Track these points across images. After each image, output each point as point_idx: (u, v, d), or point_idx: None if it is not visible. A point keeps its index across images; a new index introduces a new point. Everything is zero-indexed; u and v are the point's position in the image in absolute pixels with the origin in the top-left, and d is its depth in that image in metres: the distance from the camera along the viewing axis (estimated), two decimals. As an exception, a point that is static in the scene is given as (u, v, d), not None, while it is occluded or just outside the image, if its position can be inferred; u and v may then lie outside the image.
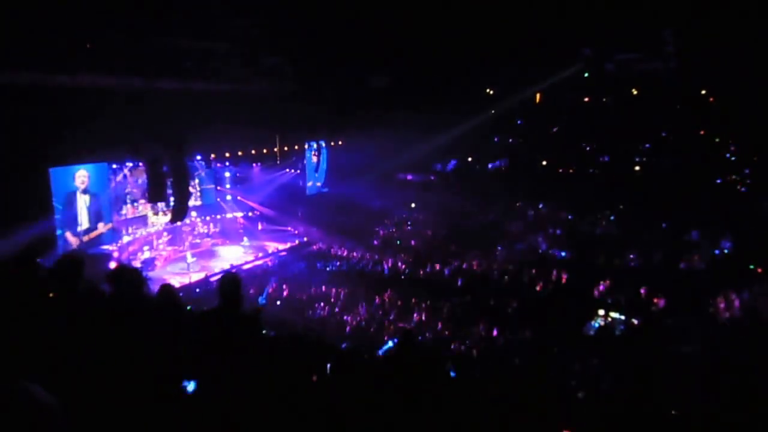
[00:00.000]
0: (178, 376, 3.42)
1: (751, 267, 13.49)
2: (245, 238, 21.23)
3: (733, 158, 17.95)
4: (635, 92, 19.40)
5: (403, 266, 17.73)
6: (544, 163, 21.59)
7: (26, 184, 12.80)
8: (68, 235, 14.93)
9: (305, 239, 21.64)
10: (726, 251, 15.11)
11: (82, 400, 2.30)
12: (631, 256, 15.92)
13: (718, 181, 17.73)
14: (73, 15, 10.03)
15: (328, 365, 3.49)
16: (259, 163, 21.62)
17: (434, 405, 3.26)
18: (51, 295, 3.62)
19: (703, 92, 18.26)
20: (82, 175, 15.25)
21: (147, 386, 2.99)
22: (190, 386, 3.47)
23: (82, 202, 15.40)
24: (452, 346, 11.80)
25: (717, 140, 18.33)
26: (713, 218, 16.16)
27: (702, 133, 18.52)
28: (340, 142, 23.66)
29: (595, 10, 10.61)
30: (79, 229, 15.29)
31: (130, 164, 17.41)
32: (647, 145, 19.90)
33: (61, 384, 1.69)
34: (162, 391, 3.10)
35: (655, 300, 13.44)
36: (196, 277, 16.81)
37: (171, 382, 3.29)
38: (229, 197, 22.23)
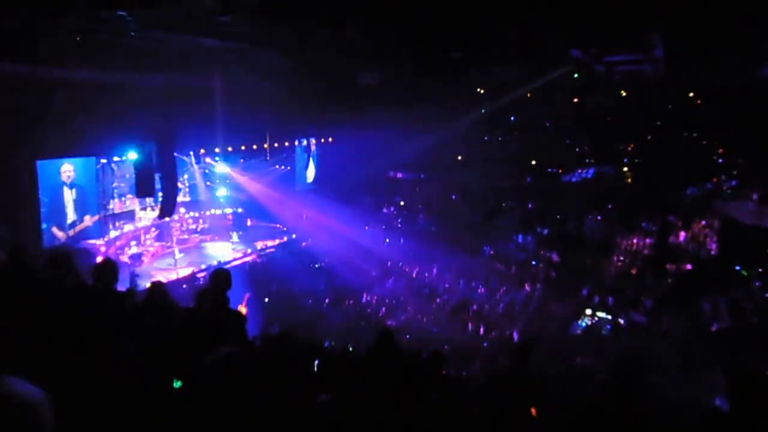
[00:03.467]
0: (165, 372, 3.40)
1: (737, 269, 13.66)
2: (234, 234, 21.11)
3: (720, 160, 18.15)
4: (624, 94, 19.53)
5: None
6: (534, 162, 21.71)
7: (13, 177, 12.65)
8: (55, 229, 14.77)
9: (293, 236, 21.56)
10: (712, 253, 15.27)
11: (70, 395, 2.28)
12: (620, 256, 16.05)
13: (705, 183, 17.92)
14: (62, 6, 9.91)
15: (315, 363, 3.48)
16: (248, 159, 21.50)
17: (417, 404, 3.27)
18: (39, 288, 3.58)
19: (691, 95, 18.43)
20: (67, 170, 15.08)
21: (135, 382, 2.96)
22: (177, 383, 3.45)
23: (69, 195, 15.24)
24: (440, 346, 11.82)
25: (704, 142, 18.53)
26: (700, 220, 16.33)
27: (689, 135, 18.70)
28: (330, 139, 23.59)
29: (586, 11, 10.66)
30: (66, 223, 15.14)
31: (117, 158, 17.24)
32: (636, 146, 20.07)
33: (48, 378, 1.66)
34: (150, 387, 3.08)
35: (642, 300, 13.58)
36: (184, 273, 16.71)
37: (159, 379, 3.27)
38: (218, 193, 22.09)
